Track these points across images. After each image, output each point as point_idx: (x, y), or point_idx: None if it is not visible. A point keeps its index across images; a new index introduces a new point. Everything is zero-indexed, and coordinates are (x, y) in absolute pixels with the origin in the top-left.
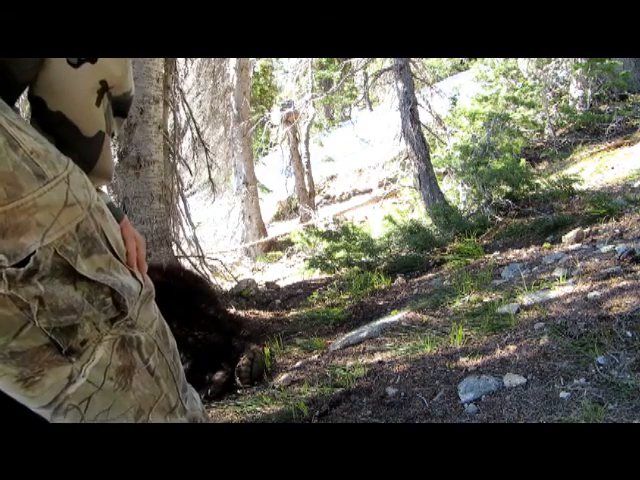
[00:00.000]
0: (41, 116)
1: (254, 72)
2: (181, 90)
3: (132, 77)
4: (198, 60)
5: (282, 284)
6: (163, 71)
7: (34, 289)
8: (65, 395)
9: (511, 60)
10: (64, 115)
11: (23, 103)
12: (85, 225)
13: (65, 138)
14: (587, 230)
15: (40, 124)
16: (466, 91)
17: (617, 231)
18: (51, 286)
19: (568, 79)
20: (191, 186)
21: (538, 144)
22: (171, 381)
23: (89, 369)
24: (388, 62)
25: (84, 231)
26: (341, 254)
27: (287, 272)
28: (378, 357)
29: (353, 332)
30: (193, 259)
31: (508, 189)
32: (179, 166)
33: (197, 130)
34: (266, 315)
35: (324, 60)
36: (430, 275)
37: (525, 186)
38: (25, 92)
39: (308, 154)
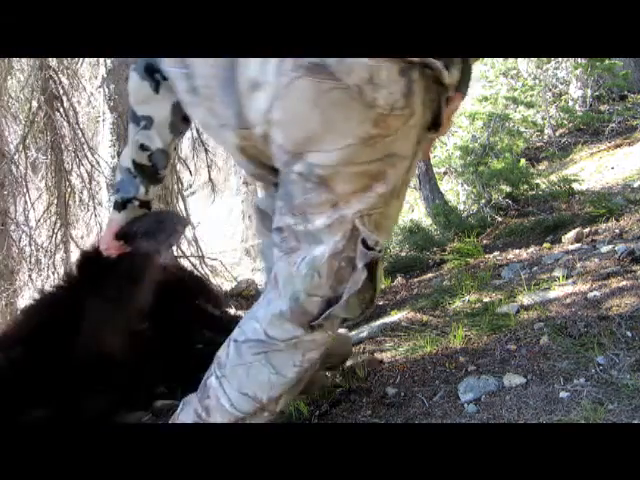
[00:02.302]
0: None
1: None
2: None
3: None
4: None
5: None
6: None
7: None
8: None
9: (511, 60)
10: None
11: None
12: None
13: None
14: (587, 230)
15: None
16: None
17: (617, 231)
18: None
19: (568, 79)
20: (191, 186)
21: (538, 144)
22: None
23: None
24: None
25: None
26: None
27: None
28: (378, 357)
29: (353, 332)
30: (193, 259)
31: (508, 189)
32: (179, 166)
33: (197, 130)
34: None
35: None
36: (430, 275)
37: (525, 186)
38: None
39: None
